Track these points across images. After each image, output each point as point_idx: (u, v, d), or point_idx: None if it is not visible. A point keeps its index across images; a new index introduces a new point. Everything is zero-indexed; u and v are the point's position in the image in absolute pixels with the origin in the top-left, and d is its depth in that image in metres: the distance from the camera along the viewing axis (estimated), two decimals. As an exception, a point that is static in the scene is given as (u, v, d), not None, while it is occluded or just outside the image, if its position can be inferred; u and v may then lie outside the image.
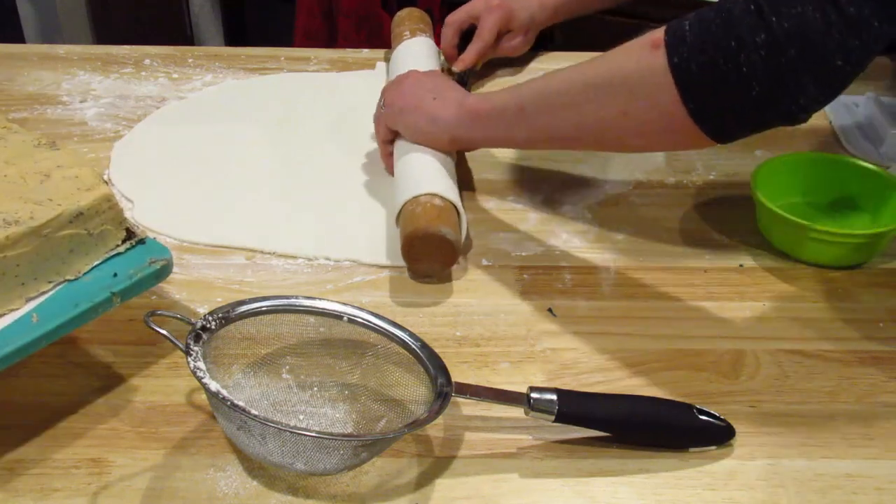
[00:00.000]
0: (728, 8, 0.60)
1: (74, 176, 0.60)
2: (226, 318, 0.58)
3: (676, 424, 0.59)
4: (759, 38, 0.58)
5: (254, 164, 0.88)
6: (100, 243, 0.60)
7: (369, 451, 0.54)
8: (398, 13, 1.08)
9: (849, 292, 0.73)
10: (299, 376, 0.61)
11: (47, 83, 1.01)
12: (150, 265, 0.60)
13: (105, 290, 0.58)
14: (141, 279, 0.59)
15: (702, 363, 0.65)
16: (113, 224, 0.60)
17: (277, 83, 1.04)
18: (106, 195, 0.59)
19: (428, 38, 1.02)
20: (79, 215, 0.58)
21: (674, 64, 0.61)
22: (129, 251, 0.61)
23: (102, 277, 0.59)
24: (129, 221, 0.61)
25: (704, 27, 0.61)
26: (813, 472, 0.57)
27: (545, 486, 0.56)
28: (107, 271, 0.59)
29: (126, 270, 0.59)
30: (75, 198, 0.58)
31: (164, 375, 0.63)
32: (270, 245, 0.76)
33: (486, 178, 0.87)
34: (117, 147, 0.90)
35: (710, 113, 0.62)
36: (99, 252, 0.60)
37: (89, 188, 0.59)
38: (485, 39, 1.00)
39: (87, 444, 0.58)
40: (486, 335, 0.68)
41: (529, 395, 0.57)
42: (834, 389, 0.64)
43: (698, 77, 0.61)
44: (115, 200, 0.60)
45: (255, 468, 0.56)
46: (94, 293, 0.58)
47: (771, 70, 0.58)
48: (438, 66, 0.98)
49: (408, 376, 0.60)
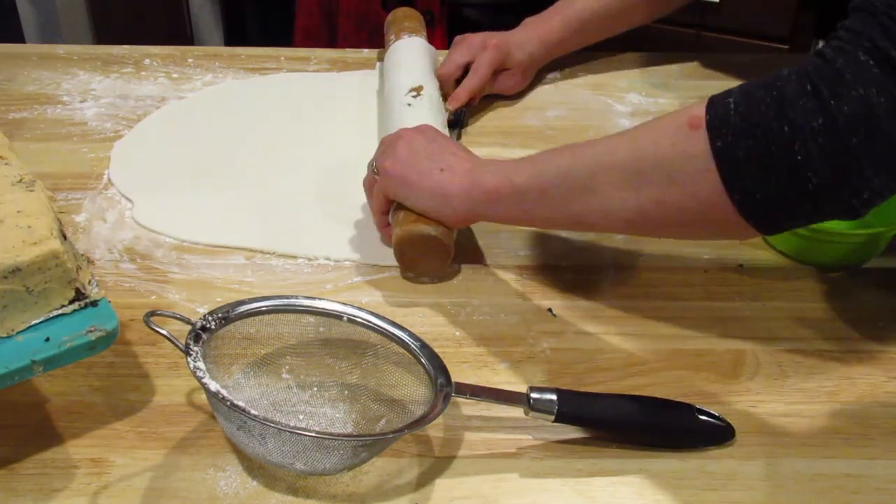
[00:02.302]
0: (780, 87, 0.53)
1: (27, 226, 0.55)
2: (226, 318, 0.58)
3: (676, 424, 0.59)
4: (817, 123, 0.51)
5: (254, 163, 0.88)
6: (41, 301, 0.54)
7: (369, 451, 0.54)
8: (391, 13, 1.08)
9: (849, 292, 0.73)
10: (299, 376, 0.61)
11: (47, 83, 1.01)
12: (87, 334, 0.54)
13: (27, 356, 0.52)
14: (71, 349, 0.53)
15: (702, 363, 0.65)
16: (59, 283, 0.55)
17: (277, 83, 1.04)
18: (53, 252, 0.54)
19: (421, 39, 1.01)
20: (15, 271, 0.53)
21: (717, 149, 0.54)
22: (75, 313, 0.55)
23: (34, 340, 0.54)
24: (81, 281, 0.56)
25: (752, 107, 0.54)
26: (813, 472, 0.57)
27: (545, 486, 0.56)
28: (42, 333, 0.54)
29: (60, 336, 0.54)
30: (16, 251, 0.53)
31: (164, 375, 0.63)
32: (270, 245, 0.76)
33: (486, 178, 0.87)
34: (117, 147, 0.90)
35: (758, 205, 0.55)
36: (39, 310, 0.55)
37: (37, 242, 0.54)
38: (480, 76, 0.96)
39: (87, 444, 0.58)
40: (486, 335, 0.68)
41: (529, 395, 0.57)
42: (834, 389, 0.64)
43: (745, 165, 0.54)
44: (64, 258, 0.54)
45: (255, 468, 0.56)
46: (15, 358, 0.52)
47: (830, 160, 0.51)
48: (432, 67, 0.97)
49: (408, 376, 0.60)
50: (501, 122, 0.98)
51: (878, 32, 0.51)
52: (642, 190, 0.59)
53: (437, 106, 0.89)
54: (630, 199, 0.60)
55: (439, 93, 0.94)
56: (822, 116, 0.51)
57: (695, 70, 1.09)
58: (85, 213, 0.80)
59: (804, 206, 0.54)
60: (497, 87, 1.00)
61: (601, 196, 0.62)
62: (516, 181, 0.67)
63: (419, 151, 0.72)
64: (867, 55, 0.51)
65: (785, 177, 0.53)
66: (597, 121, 0.98)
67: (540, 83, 1.05)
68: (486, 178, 0.68)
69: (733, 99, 0.55)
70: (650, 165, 0.59)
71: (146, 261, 0.74)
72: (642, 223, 0.62)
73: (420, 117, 0.85)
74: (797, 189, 0.53)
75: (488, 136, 0.95)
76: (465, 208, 0.69)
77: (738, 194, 0.55)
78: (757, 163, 0.53)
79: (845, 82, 0.51)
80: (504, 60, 0.98)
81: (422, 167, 0.70)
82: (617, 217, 0.62)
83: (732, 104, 0.55)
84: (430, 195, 0.70)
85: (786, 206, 0.55)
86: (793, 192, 0.53)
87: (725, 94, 0.56)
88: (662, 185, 0.58)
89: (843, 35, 0.53)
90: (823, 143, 0.51)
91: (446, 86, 0.97)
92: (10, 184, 0.60)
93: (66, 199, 0.81)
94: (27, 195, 0.58)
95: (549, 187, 0.65)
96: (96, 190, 0.83)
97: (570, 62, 1.09)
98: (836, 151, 0.51)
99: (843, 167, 0.51)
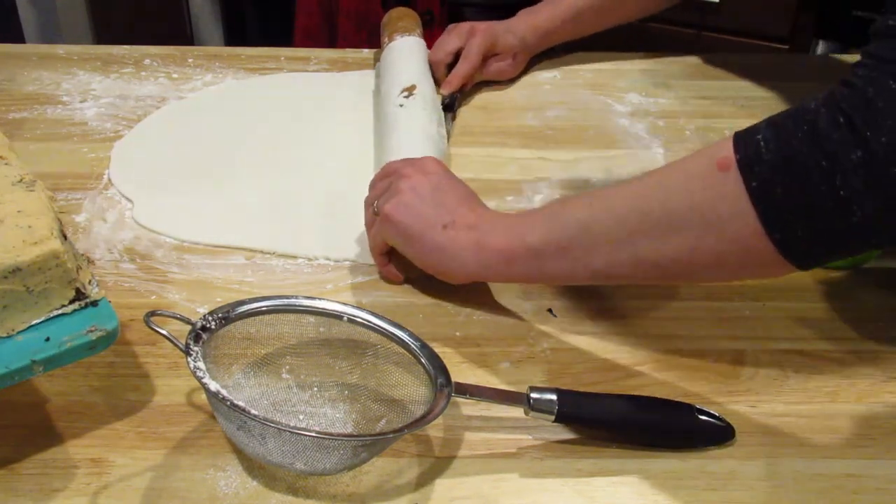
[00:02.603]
0: (810, 120, 0.52)
1: (28, 226, 0.55)
2: (226, 318, 0.58)
3: (676, 424, 0.59)
4: (856, 155, 0.50)
5: (254, 163, 0.88)
6: (41, 301, 0.54)
7: (369, 451, 0.54)
8: (386, 14, 1.08)
9: (849, 292, 0.73)
10: (299, 376, 0.61)
11: (47, 83, 1.01)
12: (87, 334, 0.54)
13: (27, 356, 0.52)
14: (71, 348, 0.53)
15: (702, 363, 0.65)
16: (59, 282, 0.54)
17: (277, 83, 1.04)
18: (54, 252, 0.54)
19: (415, 38, 1.02)
20: (16, 271, 0.53)
21: (752, 189, 0.53)
22: (75, 313, 0.55)
23: (34, 340, 0.53)
24: (81, 281, 0.56)
25: (784, 141, 0.52)
26: (813, 472, 0.57)
27: (545, 486, 0.56)
28: (42, 333, 0.54)
29: (60, 336, 0.53)
30: (17, 251, 0.53)
31: (164, 375, 0.63)
32: (270, 245, 0.76)
33: (486, 177, 0.87)
34: (117, 147, 0.90)
35: (800, 243, 0.53)
36: (40, 310, 0.54)
37: (37, 242, 0.54)
38: (471, 61, 0.98)
39: (87, 444, 0.58)
40: (486, 335, 0.68)
41: (529, 395, 0.57)
42: (834, 389, 0.64)
43: (784, 202, 0.52)
44: (64, 258, 0.54)
45: (255, 468, 0.56)
46: (15, 358, 0.52)
47: (873, 192, 0.50)
48: (426, 65, 0.98)
49: (408, 376, 0.60)
50: (501, 122, 0.98)
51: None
52: (676, 238, 0.57)
53: (430, 104, 0.90)
54: (663, 249, 0.58)
55: (434, 90, 0.94)
56: (861, 149, 0.50)
57: (695, 70, 1.09)
58: (85, 213, 0.80)
59: (850, 240, 0.53)
60: (489, 73, 1.02)
61: (630, 248, 0.59)
62: (529, 240, 0.63)
63: (424, 197, 0.68)
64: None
65: (828, 213, 0.51)
66: (597, 121, 0.98)
67: (540, 83, 1.06)
68: (495, 240, 0.64)
69: (762, 135, 0.53)
70: (683, 212, 0.56)
71: (146, 261, 0.74)
72: (676, 271, 0.59)
73: (413, 117, 0.86)
74: (842, 224, 0.51)
75: (488, 136, 0.95)
76: (473, 269, 0.66)
77: (779, 233, 0.53)
78: (796, 200, 0.52)
79: (879, 111, 0.49)
80: (493, 45, 1.00)
81: (425, 220, 0.67)
82: (648, 268, 0.59)
83: (762, 141, 0.53)
84: (431, 252, 0.67)
85: (830, 241, 0.53)
86: (837, 227, 0.52)
87: (751, 130, 0.55)
88: (697, 231, 0.56)
89: (869, 62, 0.52)
90: (865, 176, 0.50)
91: (438, 72, 1.00)
92: (10, 184, 0.60)
93: (66, 199, 0.81)
94: (27, 195, 0.58)
95: (569, 243, 0.61)
96: (96, 190, 0.83)
97: (570, 62, 1.09)
98: (879, 183, 0.50)
99: (888, 198, 0.50)
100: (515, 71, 1.04)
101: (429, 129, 0.86)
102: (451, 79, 0.98)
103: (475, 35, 0.99)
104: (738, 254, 0.56)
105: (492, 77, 1.03)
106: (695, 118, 0.99)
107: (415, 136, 0.84)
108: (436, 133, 0.86)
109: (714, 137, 0.94)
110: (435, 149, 0.82)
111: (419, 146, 0.81)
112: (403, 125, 0.86)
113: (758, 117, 0.56)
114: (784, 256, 0.54)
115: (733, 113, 1.00)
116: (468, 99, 1.01)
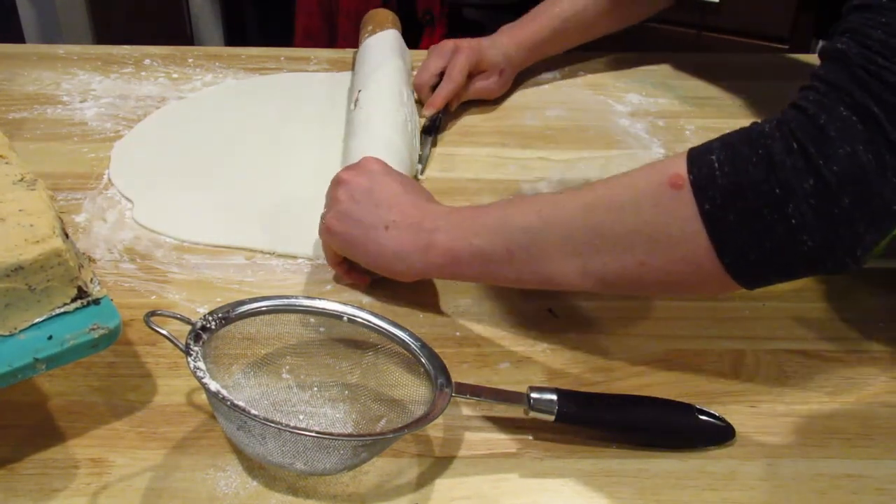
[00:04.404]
0: (765, 145, 0.52)
1: (30, 224, 0.55)
2: (226, 318, 0.58)
3: (676, 424, 0.59)
4: (808, 184, 0.50)
5: (254, 163, 0.88)
6: (43, 300, 0.54)
7: (369, 451, 0.54)
8: (366, 14, 1.07)
9: (849, 292, 0.73)
10: (299, 376, 0.61)
11: (47, 83, 1.01)
12: (89, 332, 0.54)
13: (30, 355, 0.52)
14: (73, 347, 0.53)
15: (702, 363, 0.65)
16: (61, 281, 0.54)
17: (277, 83, 1.04)
18: (55, 250, 0.54)
19: (376, 36, 1.01)
20: (18, 269, 0.53)
21: (705, 211, 0.53)
22: (77, 311, 0.55)
23: (37, 338, 0.53)
24: (83, 279, 0.56)
25: (739, 167, 0.52)
26: (813, 472, 0.57)
27: (545, 486, 0.56)
28: (45, 331, 0.54)
29: (62, 334, 0.53)
30: (19, 250, 0.53)
31: (164, 375, 0.63)
32: (270, 245, 0.76)
33: (485, 177, 0.87)
34: (117, 147, 0.90)
35: (749, 267, 0.54)
36: (42, 309, 0.54)
37: (39, 240, 0.54)
38: (454, 80, 0.95)
39: (87, 444, 0.58)
40: (486, 335, 0.68)
41: (529, 395, 0.57)
42: (834, 389, 0.64)
43: (737, 228, 0.52)
44: (66, 256, 0.54)
45: (255, 468, 0.56)
46: (18, 356, 0.52)
47: (824, 221, 0.50)
48: (403, 60, 0.98)
49: (408, 376, 0.60)
50: (501, 122, 0.98)
51: (855, 86, 0.50)
52: (624, 254, 0.57)
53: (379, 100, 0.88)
54: (611, 263, 0.57)
55: (390, 83, 0.92)
56: (813, 177, 0.50)
57: (695, 70, 1.09)
58: (85, 213, 0.80)
59: (798, 266, 0.54)
60: (475, 92, 0.99)
61: (577, 261, 0.59)
62: (477, 243, 0.62)
63: (360, 201, 0.67)
64: (849, 111, 0.50)
65: (779, 239, 0.52)
66: (597, 121, 0.98)
67: (540, 83, 1.06)
68: (442, 239, 0.63)
69: (716, 156, 0.53)
70: (632, 229, 0.56)
71: (146, 261, 0.74)
72: (622, 285, 0.59)
73: (359, 121, 0.85)
74: (792, 250, 0.52)
75: (488, 136, 0.95)
76: (421, 268, 0.65)
77: (729, 257, 0.53)
78: (749, 226, 0.52)
79: (831, 140, 0.50)
80: (478, 63, 0.98)
81: (365, 223, 0.66)
82: (595, 280, 0.59)
83: (717, 163, 0.53)
84: (377, 255, 0.66)
85: (779, 266, 0.54)
86: (787, 253, 0.52)
87: (705, 148, 0.54)
88: (646, 248, 0.56)
89: (821, 87, 0.52)
90: (816, 205, 0.50)
91: (422, 94, 0.97)
92: (11, 182, 0.60)
93: (66, 199, 0.81)
94: (28, 194, 0.58)
95: (516, 249, 0.61)
96: (96, 190, 0.83)
97: (569, 62, 1.09)
98: (830, 213, 0.50)
99: (837, 228, 0.51)
100: (501, 89, 1.01)
101: (377, 130, 0.83)
102: (434, 99, 0.95)
103: (458, 53, 0.96)
104: (687, 273, 0.55)
105: (477, 96, 1.00)
106: (695, 118, 0.99)
107: (362, 142, 0.82)
108: (386, 133, 0.83)
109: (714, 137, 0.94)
110: (384, 149, 0.79)
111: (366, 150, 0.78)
112: (354, 131, 0.85)
113: (758, 117, 0.56)
114: (732, 277, 0.54)
115: (733, 113, 1.00)
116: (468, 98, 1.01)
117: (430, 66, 0.97)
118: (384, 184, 0.68)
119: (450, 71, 0.96)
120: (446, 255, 0.63)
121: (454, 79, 0.95)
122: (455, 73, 0.95)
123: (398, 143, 0.82)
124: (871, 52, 0.50)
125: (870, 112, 0.49)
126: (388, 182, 0.68)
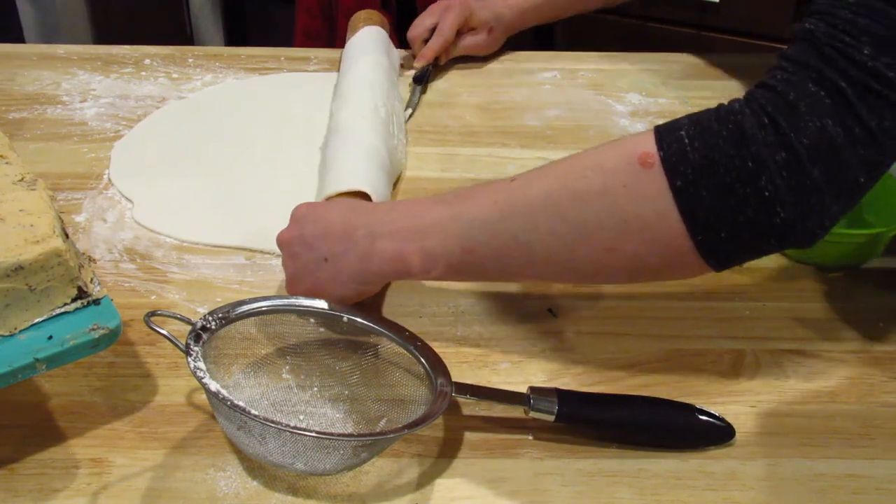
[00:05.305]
0: (736, 120, 0.52)
1: (30, 225, 0.55)
2: (226, 318, 0.58)
3: (676, 424, 0.59)
4: (780, 157, 0.50)
5: (254, 163, 0.88)
6: (44, 300, 0.54)
7: (369, 451, 0.54)
8: (353, 15, 1.08)
9: (849, 292, 0.73)
10: (299, 376, 0.61)
11: (47, 83, 1.01)
12: (90, 332, 0.54)
13: (30, 355, 0.52)
14: (74, 347, 0.53)
15: (702, 363, 0.65)
16: (61, 281, 0.54)
17: (277, 83, 1.04)
18: (56, 250, 0.54)
19: (376, 28, 1.02)
20: (18, 269, 0.53)
21: (677, 188, 0.52)
22: (78, 311, 0.55)
23: (37, 338, 0.53)
24: (83, 279, 0.56)
25: (710, 142, 0.52)
26: (813, 472, 0.57)
27: (545, 486, 0.56)
28: (45, 331, 0.54)
29: (63, 334, 0.54)
30: (19, 250, 0.53)
31: (164, 375, 0.63)
32: (270, 245, 0.76)
33: (486, 177, 0.87)
34: (117, 147, 0.90)
35: (721, 244, 0.53)
36: (42, 309, 0.55)
37: (39, 240, 0.54)
38: (444, 35, 1.03)
39: (87, 444, 0.58)
40: (486, 335, 0.68)
41: (529, 395, 0.57)
42: (834, 389, 0.64)
43: (709, 204, 0.52)
44: (66, 256, 0.54)
45: (255, 468, 0.56)
46: (18, 356, 0.52)
47: (796, 193, 0.51)
48: (387, 54, 0.99)
49: (408, 376, 0.60)
50: (501, 122, 0.98)
51: (823, 63, 0.51)
52: (592, 239, 0.55)
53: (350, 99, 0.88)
54: (580, 251, 0.55)
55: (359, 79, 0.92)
56: (785, 150, 0.50)
57: (695, 70, 1.09)
58: (85, 213, 0.80)
59: (769, 240, 0.53)
60: (464, 48, 1.07)
61: (540, 251, 0.56)
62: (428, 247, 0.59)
63: (299, 253, 0.64)
64: (817, 86, 0.51)
65: (753, 212, 0.51)
66: (597, 121, 0.98)
67: (540, 83, 1.06)
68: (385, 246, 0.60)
69: (685, 132, 0.53)
70: (600, 211, 0.54)
71: (146, 261, 0.74)
72: (592, 274, 0.58)
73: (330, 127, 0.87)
74: (765, 223, 0.52)
75: (488, 136, 0.95)
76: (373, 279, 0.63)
77: (701, 234, 0.53)
78: (722, 201, 0.51)
79: (801, 114, 0.51)
80: (468, 20, 1.04)
81: (311, 269, 0.63)
82: (564, 270, 0.57)
83: (686, 138, 0.53)
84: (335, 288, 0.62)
85: (750, 241, 0.53)
86: (760, 226, 0.52)
87: (673, 125, 0.54)
88: (615, 231, 0.54)
89: (789, 67, 0.53)
90: (788, 177, 0.51)
91: (415, 47, 1.05)
92: (11, 182, 0.60)
93: (66, 199, 0.81)
94: (29, 194, 0.58)
95: (476, 247, 0.58)
96: (96, 190, 0.83)
97: (570, 62, 1.09)
98: (802, 184, 0.51)
99: (809, 198, 0.51)
100: (490, 47, 1.07)
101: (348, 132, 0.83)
102: (425, 52, 1.03)
103: (449, 10, 1.04)
104: (657, 255, 0.55)
105: (467, 52, 1.07)
106: (695, 118, 0.98)
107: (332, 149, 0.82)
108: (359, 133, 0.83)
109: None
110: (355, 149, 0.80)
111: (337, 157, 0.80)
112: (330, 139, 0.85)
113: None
114: (702, 256, 0.54)
115: (733, 113, 1.00)
116: (468, 99, 1.02)
117: (423, 21, 1.05)
118: (312, 223, 0.64)
119: (440, 26, 1.03)
120: (395, 261, 0.60)
121: (444, 33, 1.03)
122: (445, 29, 1.03)
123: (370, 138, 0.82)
124: (838, 31, 0.51)
125: (837, 87, 0.50)
126: (314, 221, 0.64)
